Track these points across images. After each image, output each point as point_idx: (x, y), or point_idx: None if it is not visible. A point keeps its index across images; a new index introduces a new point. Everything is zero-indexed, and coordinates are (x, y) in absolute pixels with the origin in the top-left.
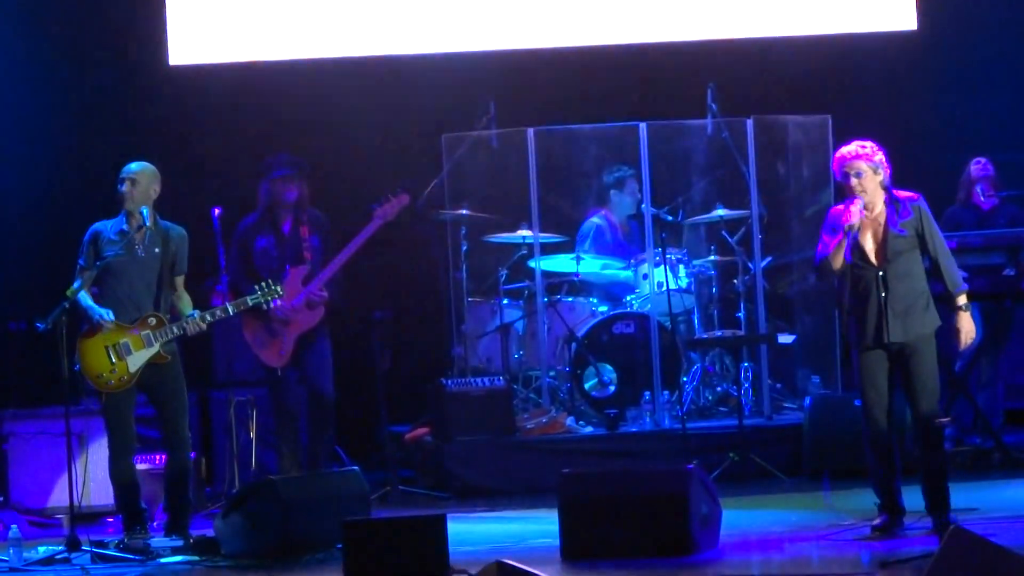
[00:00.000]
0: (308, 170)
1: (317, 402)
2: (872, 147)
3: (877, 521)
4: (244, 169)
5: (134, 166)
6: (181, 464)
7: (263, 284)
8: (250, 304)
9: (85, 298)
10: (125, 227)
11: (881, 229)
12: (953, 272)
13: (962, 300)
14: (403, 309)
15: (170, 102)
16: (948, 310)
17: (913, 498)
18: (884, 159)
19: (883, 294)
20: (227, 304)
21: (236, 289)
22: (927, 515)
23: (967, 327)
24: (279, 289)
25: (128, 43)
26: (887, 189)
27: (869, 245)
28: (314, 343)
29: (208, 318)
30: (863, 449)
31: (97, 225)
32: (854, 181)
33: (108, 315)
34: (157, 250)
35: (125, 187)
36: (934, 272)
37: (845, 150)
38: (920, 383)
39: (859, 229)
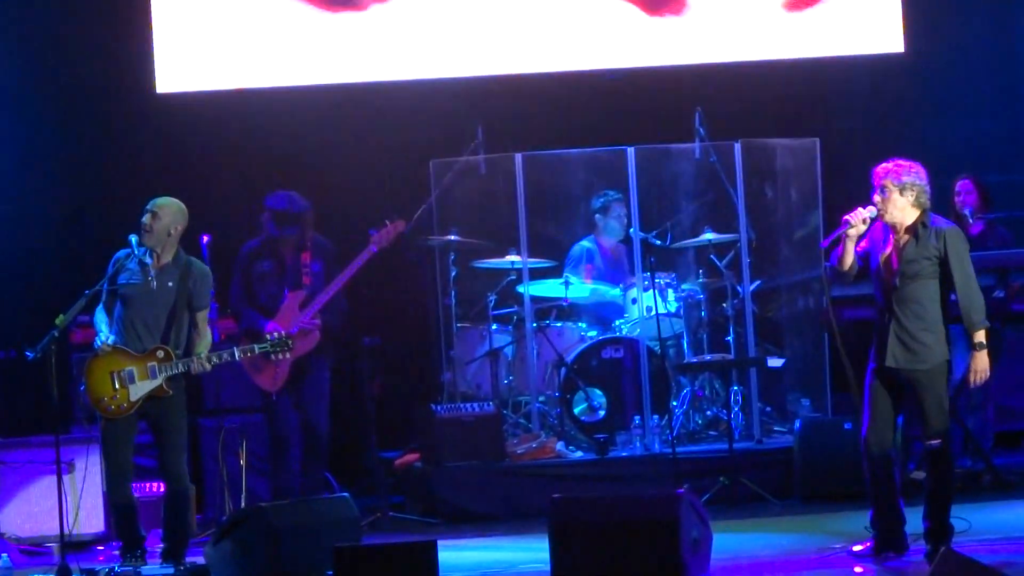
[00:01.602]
0: (310, 208)
1: (310, 434)
2: (908, 168)
3: (860, 547)
4: (233, 196)
5: (160, 200)
6: (177, 494)
7: (277, 335)
8: (257, 352)
9: (100, 319)
10: (142, 257)
11: (898, 253)
12: (971, 307)
13: (978, 337)
14: (392, 335)
15: (158, 130)
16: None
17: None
18: (918, 182)
19: (889, 319)
20: (234, 349)
21: (237, 314)
22: (923, 540)
23: (979, 367)
24: (291, 343)
25: (115, 71)
26: (924, 213)
27: (883, 265)
28: (312, 373)
29: (214, 360)
30: (858, 470)
31: (120, 252)
32: (876, 197)
33: (109, 340)
34: (171, 284)
35: (146, 219)
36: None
37: (881, 165)
38: (925, 413)
39: (864, 233)
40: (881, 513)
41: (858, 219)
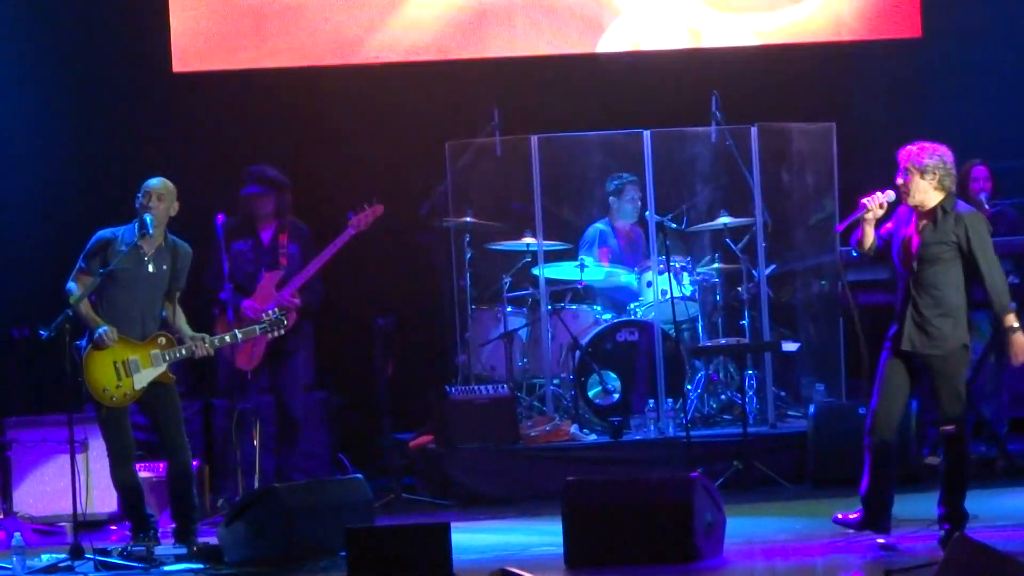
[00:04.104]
0: (287, 183)
1: (284, 418)
2: (932, 151)
3: (853, 516)
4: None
5: (157, 182)
6: (181, 471)
7: (274, 312)
8: (258, 333)
9: (84, 308)
10: (137, 240)
11: (918, 236)
12: (996, 291)
13: (1010, 321)
14: (407, 316)
15: (174, 109)
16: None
17: (920, 507)
18: (942, 165)
19: (908, 302)
20: (236, 331)
21: (213, 291)
22: (937, 525)
23: (1017, 348)
24: (285, 320)
25: (132, 50)
26: (948, 197)
27: (905, 249)
28: (289, 357)
29: (216, 343)
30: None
31: (106, 232)
32: (899, 179)
33: (113, 334)
34: (165, 266)
35: (152, 202)
36: (983, 290)
37: (906, 147)
38: (940, 399)
39: (879, 216)
40: (874, 491)
41: (875, 203)
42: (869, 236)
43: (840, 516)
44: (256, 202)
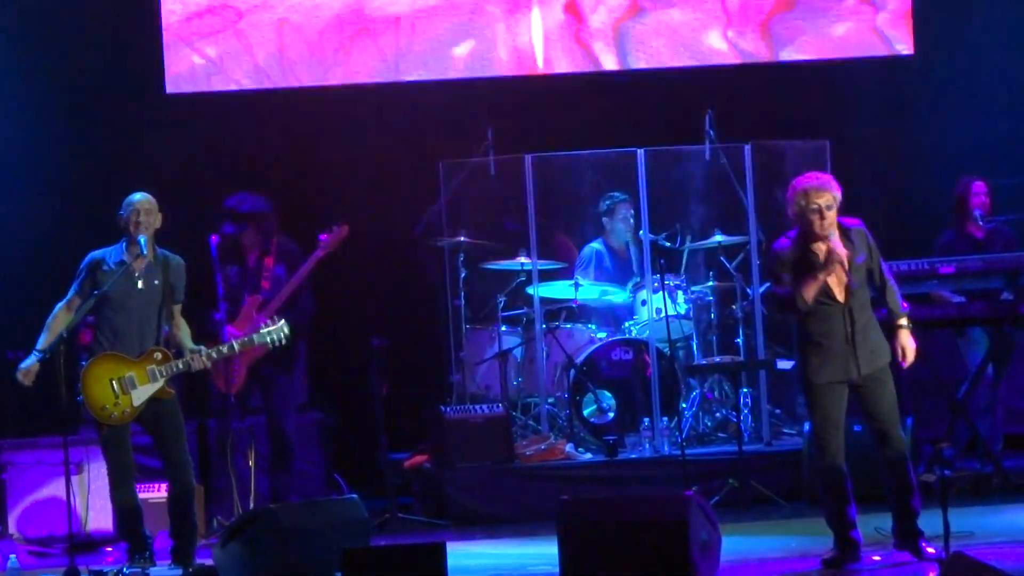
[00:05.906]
0: (263, 213)
1: (277, 441)
2: (835, 181)
3: (828, 555)
4: None
5: (142, 197)
6: (183, 489)
7: (272, 320)
8: (256, 343)
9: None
10: (125, 257)
11: (844, 262)
12: (899, 296)
13: (903, 320)
14: (401, 336)
15: (167, 131)
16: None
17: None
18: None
19: (850, 328)
20: (233, 342)
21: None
22: (895, 540)
23: (908, 343)
24: (286, 331)
25: (124, 72)
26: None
27: (832, 279)
28: (275, 377)
29: (214, 355)
30: (866, 472)
31: (96, 253)
32: (831, 214)
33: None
34: (156, 282)
35: (142, 218)
36: (879, 299)
37: (813, 181)
38: (888, 410)
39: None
40: (836, 518)
41: (844, 252)
42: (817, 288)
43: (824, 559)
44: (234, 237)
